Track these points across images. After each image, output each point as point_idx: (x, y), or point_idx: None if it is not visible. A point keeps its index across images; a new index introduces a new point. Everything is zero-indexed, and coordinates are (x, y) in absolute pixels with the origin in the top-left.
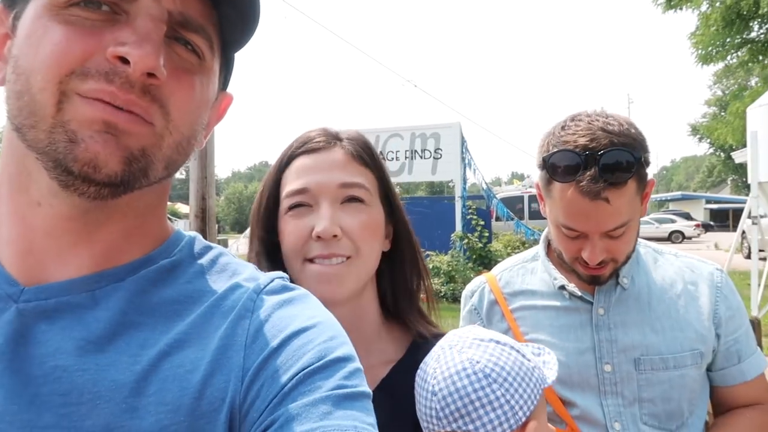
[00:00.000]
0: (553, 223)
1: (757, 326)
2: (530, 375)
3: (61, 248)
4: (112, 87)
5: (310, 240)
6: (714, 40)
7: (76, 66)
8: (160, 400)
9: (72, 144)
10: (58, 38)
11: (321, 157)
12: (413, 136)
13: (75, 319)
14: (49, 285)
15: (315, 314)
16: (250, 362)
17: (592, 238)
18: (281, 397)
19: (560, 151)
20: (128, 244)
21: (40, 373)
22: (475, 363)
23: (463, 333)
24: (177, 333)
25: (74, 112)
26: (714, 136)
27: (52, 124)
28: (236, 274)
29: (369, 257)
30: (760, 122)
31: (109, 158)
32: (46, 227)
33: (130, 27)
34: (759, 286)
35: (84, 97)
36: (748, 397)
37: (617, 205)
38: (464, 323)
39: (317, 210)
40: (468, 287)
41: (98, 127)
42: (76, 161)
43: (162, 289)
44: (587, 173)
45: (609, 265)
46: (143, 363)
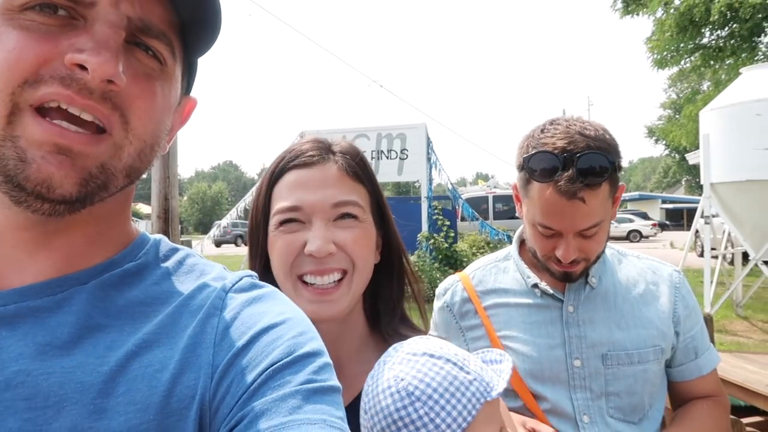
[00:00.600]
0: (529, 222)
1: (709, 322)
2: (464, 389)
3: (19, 257)
4: (69, 91)
5: (302, 255)
6: (669, 45)
7: (30, 75)
8: (129, 400)
9: (22, 163)
10: (12, 44)
11: (314, 173)
12: (379, 136)
13: (38, 324)
14: (7, 291)
15: (284, 310)
16: (219, 359)
17: (566, 237)
18: (251, 393)
19: (539, 152)
20: (90, 250)
21: (2, 379)
22: (400, 381)
23: (399, 347)
24: (145, 333)
25: (23, 128)
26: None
27: (2, 136)
28: (204, 274)
29: (364, 271)
30: (712, 125)
31: (64, 179)
32: (1, 236)
33: (88, 33)
34: (711, 283)
35: (36, 111)
36: (704, 390)
37: (592, 206)
38: (437, 320)
39: (310, 228)
40: (441, 285)
41: (49, 149)
42: (28, 180)
43: (128, 292)
44: (565, 174)
45: (581, 264)
46: (111, 364)
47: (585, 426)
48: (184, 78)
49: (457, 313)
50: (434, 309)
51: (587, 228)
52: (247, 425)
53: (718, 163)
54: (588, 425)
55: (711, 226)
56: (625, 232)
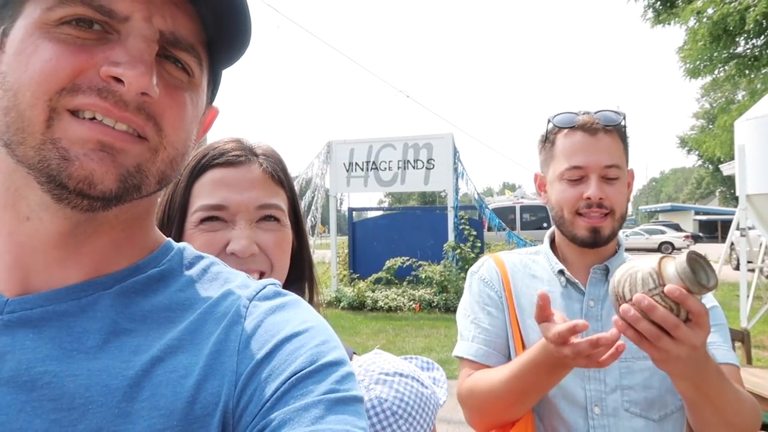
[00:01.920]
0: (557, 180)
1: (746, 337)
2: (428, 403)
3: (48, 261)
4: (106, 103)
5: (223, 254)
6: (701, 54)
7: (66, 83)
8: (153, 405)
9: (65, 161)
10: (49, 55)
11: (239, 173)
12: (406, 146)
13: (63, 328)
14: (34, 295)
15: (307, 319)
16: (243, 367)
17: (592, 178)
18: (274, 402)
19: (561, 113)
20: (116, 255)
21: (29, 379)
22: (383, 401)
23: (369, 366)
24: (170, 339)
25: (65, 130)
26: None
27: (41, 140)
28: (228, 281)
29: (280, 273)
30: (747, 136)
31: (105, 176)
32: (33, 242)
33: (123, 47)
34: (748, 297)
35: (74, 114)
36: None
37: (611, 144)
38: (475, 296)
39: (233, 227)
40: (475, 265)
41: (92, 146)
42: (71, 178)
43: (152, 298)
44: (585, 116)
45: (608, 218)
46: (136, 368)
47: (595, 416)
48: (208, 88)
49: (494, 285)
50: (471, 283)
51: (610, 166)
52: None
53: (754, 174)
54: (598, 416)
55: (747, 239)
56: (656, 243)
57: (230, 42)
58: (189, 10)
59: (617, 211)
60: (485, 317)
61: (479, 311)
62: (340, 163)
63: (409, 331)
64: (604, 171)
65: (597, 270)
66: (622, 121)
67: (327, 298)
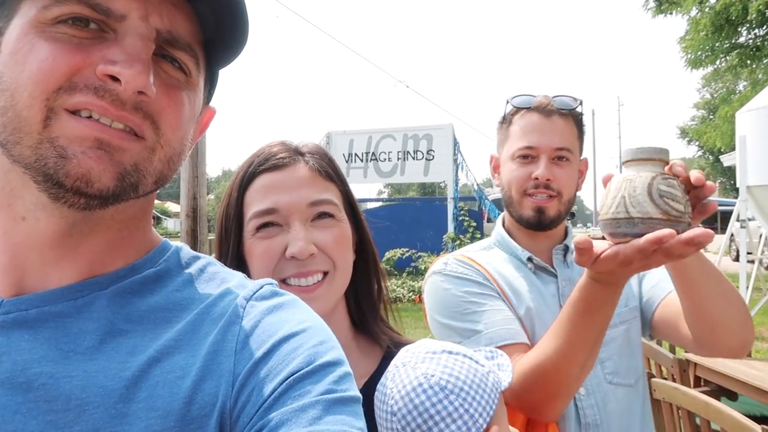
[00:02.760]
0: (509, 159)
1: None
2: (485, 381)
3: (44, 262)
4: (103, 102)
5: (283, 259)
6: (703, 44)
7: (63, 82)
8: (150, 406)
9: (62, 159)
10: (45, 54)
11: (286, 175)
12: (406, 137)
13: (59, 329)
14: (29, 296)
15: (304, 319)
16: (240, 367)
17: (542, 158)
18: (271, 402)
19: (520, 95)
20: (112, 255)
21: (24, 380)
22: (430, 377)
23: (415, 348)
24: (166, 340)
25: (62, 128)
26: (703, 140)
27: (38, 139)
28: (225, 282)
29: (345, 270)
30: (748, 127)
31: (103, 174)
32: (28, 242)
33: (119, 45)
34: (747, 288)
35: (72, 113)
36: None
37: (564, 128)
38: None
39: (288, 230)
40: (436, 266)
41: (90, 144)
42: (68, 176)
43: (149, 298)
44: (542, 99)
45: (554, 200)
46: (132, 369)
47: (582, 398)
48: (205, 88)
49: (477, 275)
50: (443, 284)
51: (561, 148)
52: None
53: (754, 165)
54: (584, 398)
55: (747, 230)
56: None
57: (227, 41)
58: (186, 10)
59: (564, 194)
60: (489, 301)
61: (479, 299)
62: (340, 153)
63: (408, 322)
64: (554, 153)
65: (558, 251)
66: (578, 107)
67: None
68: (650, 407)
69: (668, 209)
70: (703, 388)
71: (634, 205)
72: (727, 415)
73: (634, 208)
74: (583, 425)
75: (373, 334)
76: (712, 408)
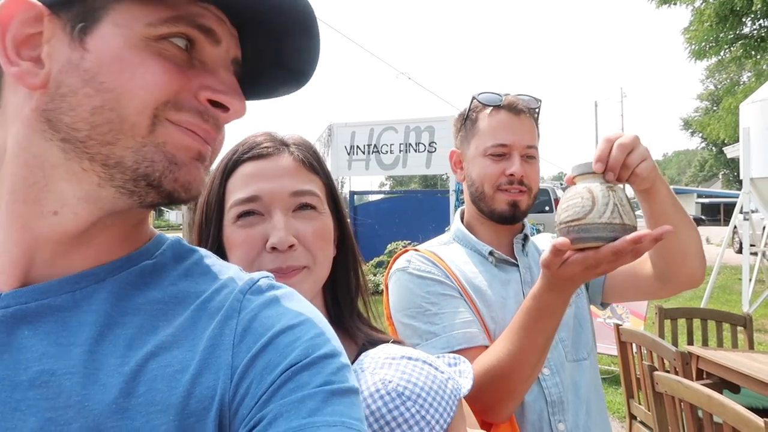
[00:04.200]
0: (480, 156)
1: (748, 322)
2: (444, 388)
3: (57, 253)
4: (207, 126)
5: (263, 252)
6: (707, 35)
7: (171, 97)
8: (149, 401)
9: (174, 165)
10: (158, 69)
11: (270, 164)
12: (407, 129)
13: (59, 324)
14: (28, 288)
15: (302, 312)
16: (238, 360)
17: (514, 155)
18: (270, 394)
19: (484, 92)
20: (115, 247)
21: (26, 378)
22: (388, 383)
23: (375, 353)
24: (164, 334)
25: (169, 135)
26: (706, 131)
27: (142, 143)
28: (221, 275)
29: (324, 265)
30: (752, 118)
31: (200, 184)
32: (51, 235)
33: (215, 76)
34: (750, 281)
35: (176, 124)
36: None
37: (530, 127)
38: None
39: (269, 220)
40: (399, 263)
41: (193, 155)
42: (175, 181)
43: (145, 291)
44: (510, 97)
45: (525, 194)
46: (131, 364)
47: (546, 378)
48: None
49: (438, 273)
50: (405, 281)
51: (530, 146)
52: (266, 426)
53: (758, 157)
54: (549, 377)
55: (750, 222)
56: None
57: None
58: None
59: (534, 189)
60: (449, 302)
61: (439, 300)
62: (342, 146)
63: None
64: (525, 150)
65: (518, 240)
66: (539, 106)
67: None
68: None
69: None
70: (705, 381)
71: (590, 214)
72: (730, 408)
73: (591, 217)
74: (549, 403)
75: (349, 331)
76: (714, 401)
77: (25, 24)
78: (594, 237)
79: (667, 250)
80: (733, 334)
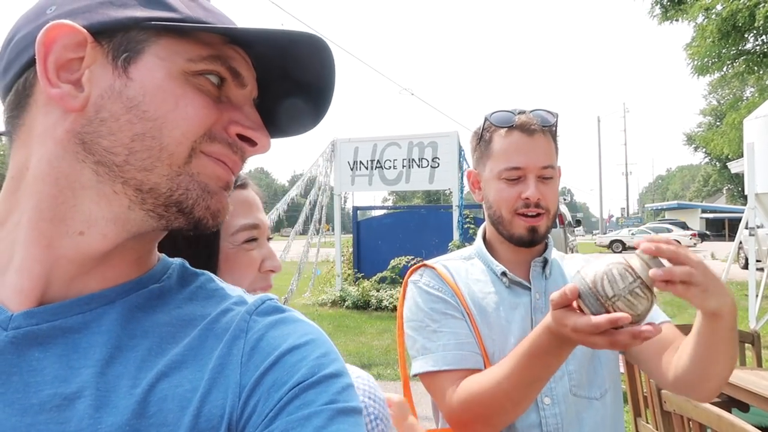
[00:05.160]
0: (495, 179)
1: (756, 339)
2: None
3: (76, 274)
4: (236, 157)
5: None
6: (710, 51)
7: (207, 131)
8: (161, 421)
9: (207, 194)
10: (201, 103)
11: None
12: (411, 144)
13: (69, 346)
14: (39, 309)
15: (307, 332)
16: (246, 379)
17: (530, 178)
18: (276, 411)
19: (498, 111)
20: (127, 270)
21: (37, 402)
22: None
23: None
24: (173, 355)
25: (203, 166)
26: (710, 147)
27: (178, 172)
28: (226, 298)
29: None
30: (756, 134)
31: (225, 212)
32: (74, 256)
33: (242, 112)
34: (757, 297)
35: (209, 156)
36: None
37: (546, 145)
38: (427, 306)
39: (262, 247)
40: (413, 277)
41: (222, 185)
42: (207, 208)
43: (153, 314)
44: (523, 116)
45: (543, 217)
46: (142, 385)
47: (545, 407)
48: None
49: (445, 291)
50: (414, 295)
51: (546, 166)
52: None
53: (763, 172)
54: (548, 407)
55: (756, 238)
56: None
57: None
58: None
59: (551, 209)
60: (449, 322)
61: (440, 318)
62: (345, 161)
63: None
64: (540, 171)
65: (537, 264)
66: (555, 122)
67: (331, 298)
68: (620, 417)
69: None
70: (713, 400)
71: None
72: (740, 428)
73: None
74: None
75: None
76: (724, 421)
77: (68, 48)
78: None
79: (691, 366)
80: (741, 351)
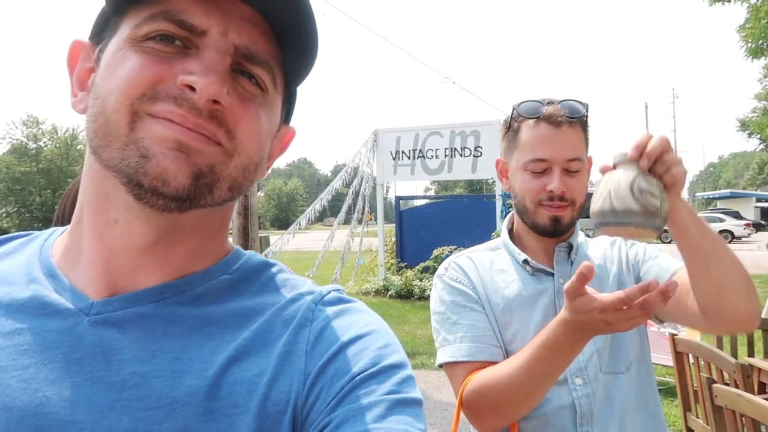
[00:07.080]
0: (520, 170)
1: None
2: None
3: (134, 266)
4: (181, 110)
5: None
6: (764, 32)
7: (147, 90)
8: (231, 403)
9: (143, 159)
10: (132, 65)
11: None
12: (453, 134)
13: (145, 330)
14: (116, 298)
15: (369, 323)
16: (311, 367)
17: (555, 170)
18: (338, 400)
19: (526, 101)
20: (192, 262)
21: (119, 379)
22: None
23: None
24: (243, 340)
25: (147, 130)
26: (765, 133)
27: (125, 142)
28: (295, 288)
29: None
30: None
31: (178, 173)
32: (121, 246)
33: (198, 59)
34: None
35: (155, 117)
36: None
37: (574, 137)
38: (450, 298)
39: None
40: (440, 269)
41: (170, 145)
42: (146, 175)
43: (225, 303)
44: (550, 107)
45: (568, 208)
46: (215, 368)
47: (577, 388)
48: (283, 107)
49: (467, 284)
50: (440, 288)
51: (572, 159)
52: (333, 430)
53: None
54: (581, 387)
55: None
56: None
57: (302, 57)
58: (265, 29)
59: (578, 202)
60: (468, 314)
61: (460, 311)
62: (387, 151)
63: None
64: (566, 164)
65: (561, 248)
66: (585, 112)
67: (375, 287)
68: (651, 392)
69: (646, 204)
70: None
71: (617, 198)
72: None
73: (618, 201)
74: (578, 414)
75: None
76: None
77: (85, 61)
78: (606, 222)
79: (695, 283)
80: None
